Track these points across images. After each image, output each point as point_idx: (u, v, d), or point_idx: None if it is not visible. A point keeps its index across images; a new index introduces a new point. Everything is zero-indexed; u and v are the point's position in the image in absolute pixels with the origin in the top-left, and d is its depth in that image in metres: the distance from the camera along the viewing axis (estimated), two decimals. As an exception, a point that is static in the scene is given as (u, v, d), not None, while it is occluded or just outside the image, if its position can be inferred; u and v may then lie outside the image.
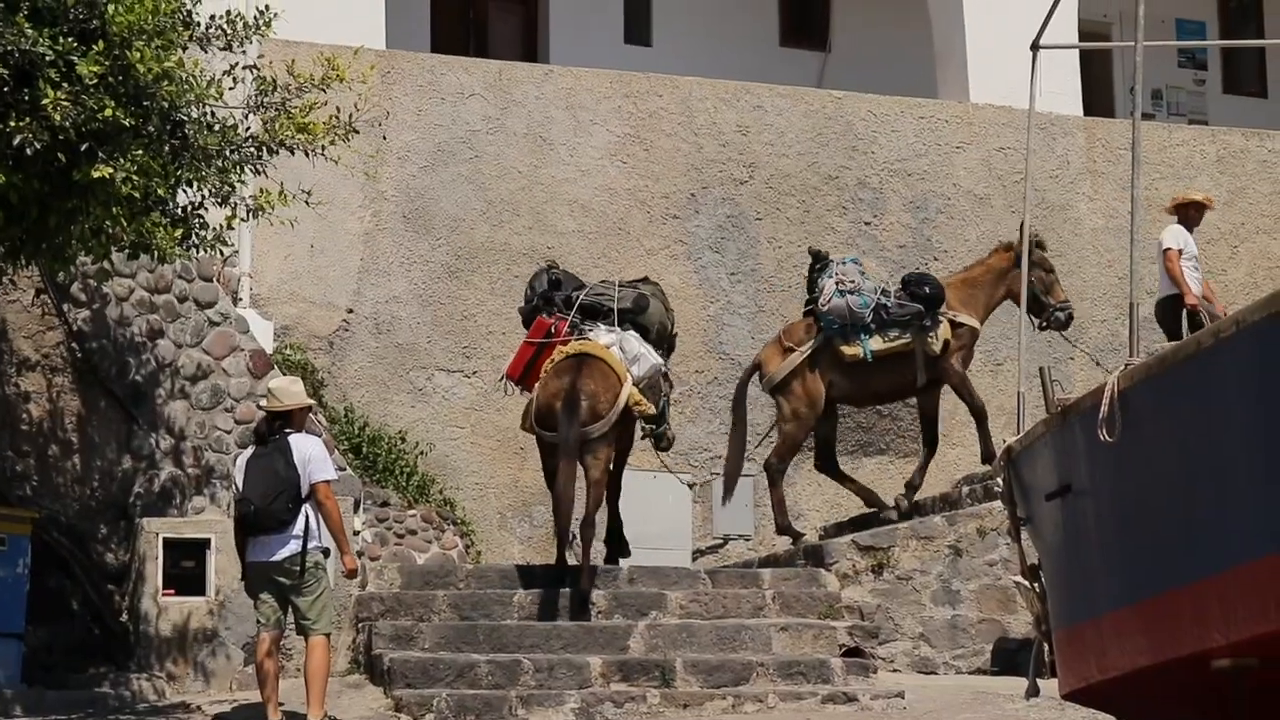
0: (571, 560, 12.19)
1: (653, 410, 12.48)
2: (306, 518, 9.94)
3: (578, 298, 12.62)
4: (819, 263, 13.70)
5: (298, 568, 9.91)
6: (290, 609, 10.09)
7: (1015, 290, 13.38)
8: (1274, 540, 6.30)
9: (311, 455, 9.97)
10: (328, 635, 10.09)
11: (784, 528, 13.84)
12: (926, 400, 13.87)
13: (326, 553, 10.12)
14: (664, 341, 12.97)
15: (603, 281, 13.22)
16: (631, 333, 12.54)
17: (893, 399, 14.46)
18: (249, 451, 10.17)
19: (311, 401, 10.60)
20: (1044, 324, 13.88)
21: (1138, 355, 7.65)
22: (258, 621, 10.23)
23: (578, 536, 12.07)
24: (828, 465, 14.15)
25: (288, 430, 10.06)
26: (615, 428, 12.10)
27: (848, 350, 13.38)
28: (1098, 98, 19.22)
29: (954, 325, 13.62)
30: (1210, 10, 21.04)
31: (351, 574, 10.24)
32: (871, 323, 13.36)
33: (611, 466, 12.44)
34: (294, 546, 9.91)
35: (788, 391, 13.53)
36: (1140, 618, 7.27)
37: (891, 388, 13.72)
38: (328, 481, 10.01)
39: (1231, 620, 6.57)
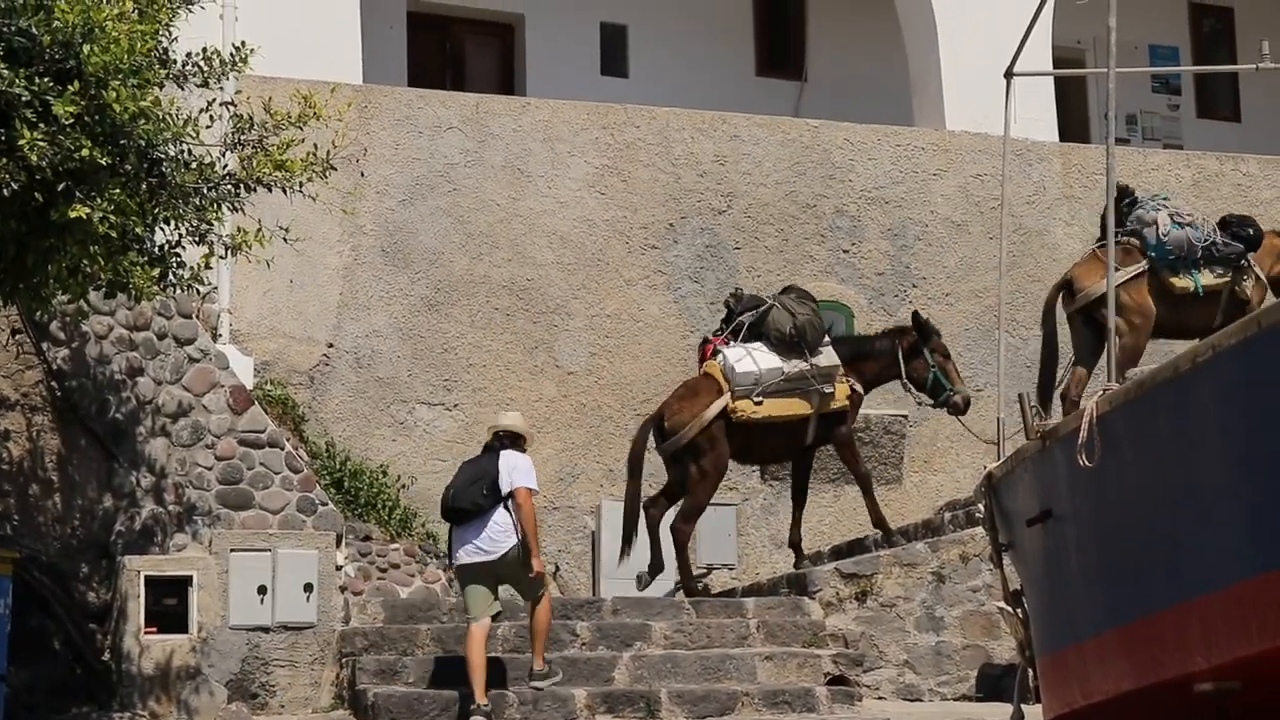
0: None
1: (757, 414, 13.22)
2: (511, 518, 10.87)
3: (741, 320, 13.74)
4: (1126, 198, 13.57)
5: (511, 563, 10.82)
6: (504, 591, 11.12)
7: None
8: (1255, 563, 6.31)
9: (517, 465, 11.05)
10: (546, 597, 11.05)
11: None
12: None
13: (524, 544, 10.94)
14: (790, 344, 13.42)
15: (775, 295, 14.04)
16: (744, 346, 13.45)
17: (1197, 336, 14.08)
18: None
19: (528, 435, 11.44)
20: None
21: (1116, 380, 7.69)
22: (467, 615, 11.00)
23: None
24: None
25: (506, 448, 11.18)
26: (716, 438, 13.23)
27: (1178, 283, 13.23)
28: (1073, 123, 19.30)
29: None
30: (1183, 36, 21.16)
31: (538, 576, 11.00)
32: (1200, 258, 13.25)
33: (708, 473, 13.35)
34: (503, 546, 10.82)
35: (1118, 305, 13.28)
36: (1123, 642, 7.29)
37: (1201, 325, 13.02)
38: (529, 489, 11.03)
39: (1214, 643, 6.58)
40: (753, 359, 13.34)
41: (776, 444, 13.67)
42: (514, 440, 11.22)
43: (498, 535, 10.84)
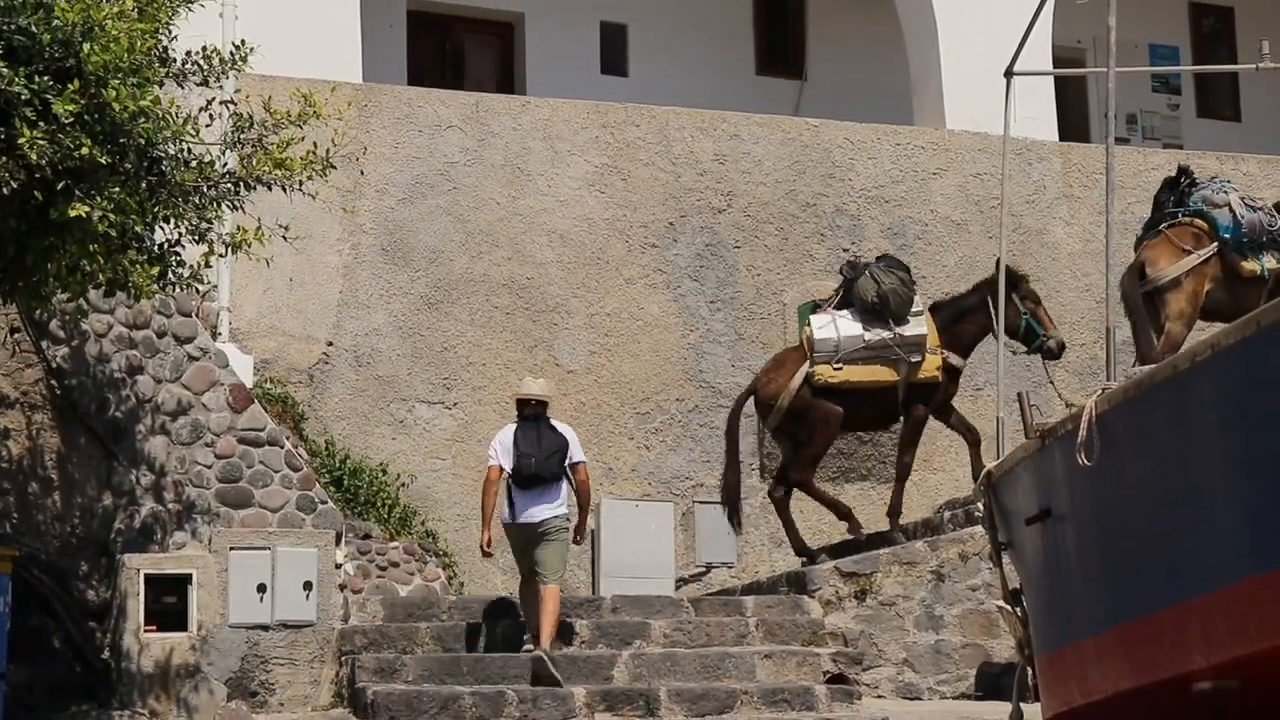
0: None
1: (835, 379, 13.48)
2: (565, 490, 11.60)
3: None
4: (1187, 177, 13.54)
5: (553, 528, 11.51)
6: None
7: None
8: (1253, 561, 6.31)
9: (570, 438, 11.75)
10: (559, 586, 11.58)
11: None
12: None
13: (569, 517, 11.73)
14: (874, 312, 13.61)
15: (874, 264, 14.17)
16: (832, 313, 13.74)
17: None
18: (511, 428, 11.77)
19: (551, 398, 11.98)
20: None
21: (1115, 379, 7.69)
22: (520, 570, 11.87)
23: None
24: None
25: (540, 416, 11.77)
26: (809, 399, 13.53)
27: (1246, 265, 13.11)
28: (1072, 123, 19.31)
29: None
30: (1183, 35, 21.16)
31: (579, 543, 11.98)
32: (1265, 241, 13.14)
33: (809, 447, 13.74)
34: (554, 510, 11.52)
35: (1178, 288, 13.12)
36: (1121, 641, 7.29)
37: (1251, 308, 13.08)
38: (585, 464, 11.81)
39: (1212, 642, 6.58)
40: (835, 326, 13.60)
41: (869, 412, 13.83)
42: (545, 408, 11.80)
43: (552, 507, 11.52)
